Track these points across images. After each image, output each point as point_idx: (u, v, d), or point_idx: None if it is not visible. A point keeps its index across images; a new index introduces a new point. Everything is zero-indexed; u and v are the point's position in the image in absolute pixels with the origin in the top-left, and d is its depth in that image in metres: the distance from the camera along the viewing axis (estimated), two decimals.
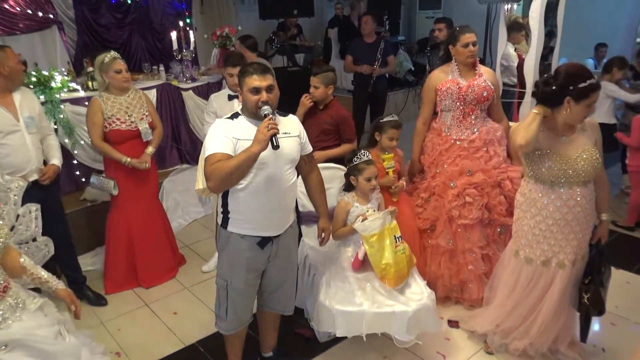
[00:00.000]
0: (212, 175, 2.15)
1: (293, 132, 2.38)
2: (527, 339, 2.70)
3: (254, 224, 2.34)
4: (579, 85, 2.29)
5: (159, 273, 3.72)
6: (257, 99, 2.22)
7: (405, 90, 7.52)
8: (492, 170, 3.17)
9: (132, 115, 3.41)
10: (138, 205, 3.57)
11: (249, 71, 2.25)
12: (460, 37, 3.14)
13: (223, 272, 2.45)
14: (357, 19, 7.40)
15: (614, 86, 4.53)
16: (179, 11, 6.65)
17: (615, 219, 4.40)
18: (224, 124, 2.28)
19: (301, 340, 3.02)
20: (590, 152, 2.41)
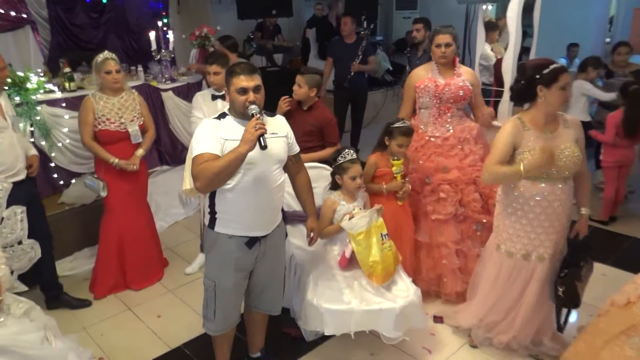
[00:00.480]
0: (199, 175, 2.15)
1: (281, 132, 2.38)
2: (510, 332, 2.76)
3: (241, 224, 2.34)
4: (544, 71, 2.39)
5: (148, 275, 3.69)
6: (244, 99, 2.22)
7: (384, 90, 7.58)
8: (467, 167, 3.23)
9: (123, 116, 3.38)
10: (129, 208, 3.54)
11: (236, 71, 2.24)
12: (435, 37, 3.26)
13: (211, 273, 2.43)
14: (336, 19, 7.44)
15: (589, 85, 4.66)
16: (156, 11, 6.56)
17: (590, 213, 4.51)
18: (211, 124, 2.28)
19: (288, 340, 3.02)
20: (571, 150, 2.48)
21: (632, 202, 4.82)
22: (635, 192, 4.97)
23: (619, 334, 2.20)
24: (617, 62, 5.02)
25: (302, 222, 3.17)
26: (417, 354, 2.88)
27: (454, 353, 2.90)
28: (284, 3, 6.98)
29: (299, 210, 3.14)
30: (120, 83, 3.36)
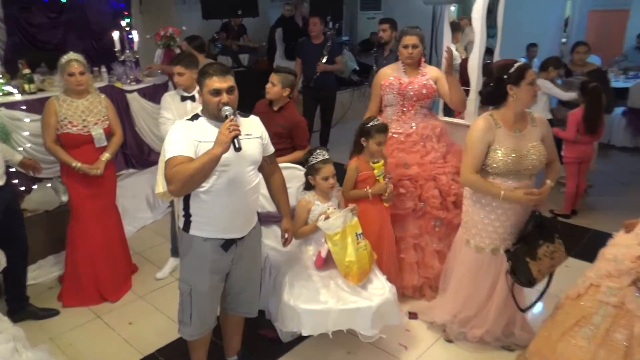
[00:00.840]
0: (173, 178, 2.11)
1: (255, 133, 2.37)
2: (484, 326, 2.83)
3: (217, 227, 2.31)
4: (510, 70, 2.47)
5: (120, 284, 3.58)
6: (217, 101, 2.19)
7: (351, 89, 7.64)
8: (427, 164, 3.30)
9: (87, 119, 3.28)
10: (95, 213, 3.43)
11: (209, 72, 2.21)
12: (402, 38, 3.33)
13: (186, 277, 2.39)
14: (302, 20, 7.44)
15: (550, 84, 4.81)
16: (117, 11, 6.40)
17: (552, 207, 4.69)
18: (183, 126, 2.24)
19: (265, 342, 3.00)
20: (538, 148, 2.55)
21: (592, 196, 5.01)
22: (594, 186, 5.17)
23: (572, 326, 2.32)
24: (575, 61, 5.20)
25: (276, 223, 3.17)
26: (393, 351, 2.91)
27: (429, 348, 2.94)
28: (249, 3, 6.92)
29: (273, 211, 3.13)
30: (84, 85, 3.26)
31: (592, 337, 2.24)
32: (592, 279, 2.32)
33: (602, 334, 2.21)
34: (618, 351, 2.15)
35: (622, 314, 2.18)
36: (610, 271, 2.24)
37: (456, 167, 3.30)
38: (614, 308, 2.20)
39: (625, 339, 2.14)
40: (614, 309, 2.20)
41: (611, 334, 2.19)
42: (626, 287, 2.17)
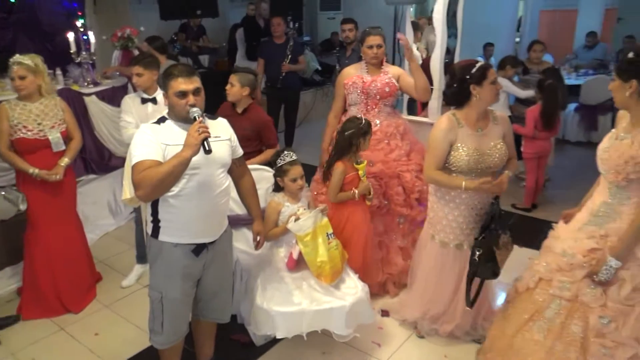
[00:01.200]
0: (141, 183, 2.05)
1: (224, 135, 2.34)
2: (453, 321, 2.88)
3: (187, 232, 2.27)
4: (472, 70, 2.51)
5: (83, 294, 3.46)
6: (184, 103, 2.15)
7: (314, 90, 7.65)
8: (391, 162, 3.35)
9: (42, 123, 3.14)
10: (55, 221, 3.29)
11: (174, 74, 2.17)
12: (366, 38, 3.36)
13: (157, 284, 2.33)
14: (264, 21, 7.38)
15: (508, 82, 4.95)
16: (70, 11, 6.17)
17: (513, 202, 4.83)
18: (150, 129, 2.19)
19: (237, 347, 2.96)
20: (500, 147, 2.62)
21: (550, 190, 5.19)
22: (552, 180, 5.36)
23: (527, 321, 2.36)
24: (532, 59, 5.37)
25: (246, 226, 3.14)
26: (367, 349, 2.93)
27: (402, 344, 2.98)
28: (209, 3, 6.81)
29: (242, 214, 3.10)
30: (25, 90, 3.09)
31: (548, 330, 2.28)
32: (542, 273, 2.34)
33: (557, 327, 2.25)
34: (574, 343, 2.20)
35: (577, 307, 2.21)
36: (560, 265, 2.26)
37: (420, 164, 3.35)
38: (568, 302, 2.23)
39: (581, 330, 2.19)
40: (567, 302, 2.24)
41: (567, 327, 2.23)
42: (579, 281, 2.19)
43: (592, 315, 2.17)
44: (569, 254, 2.25)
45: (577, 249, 2.23)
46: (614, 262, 2.10)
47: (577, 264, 2.21)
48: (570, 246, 2.26)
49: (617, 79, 2.14)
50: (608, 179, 2.20)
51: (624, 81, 2.10)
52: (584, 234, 2.25)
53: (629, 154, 2.08)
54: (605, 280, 2.13)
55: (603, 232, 2.20)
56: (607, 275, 2.12)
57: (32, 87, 3.12)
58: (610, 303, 2.15)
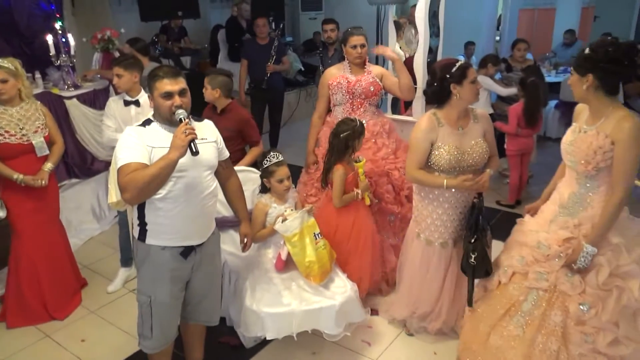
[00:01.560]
0: (128, 186, 2.04)
1: (210, 137, 2.33)
2: (440, 319, 2.91)
3: (175, 234, 2.25)
4: (452, 70, 2.53)
5: (68, 300, 3.40)
6: (170, 104, 2.13)
7: (297, 90, 7.64)
8: (380, 160, 3.37)
9: (25, 128, 3.08)
10: (39, 228, 3.23)
11: (159, 75, 2.15)
12: (349, 38, 3.37)
13: (145, 288, 2.31)
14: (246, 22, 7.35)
15: (490, 80, 5.01)
16: (48, 13, 6.07)
17: (498, 198, 4.89)
18: (135, 132, 2.17)
19: (227, 349, 2.94)
20: (481, 145, 2.64)
21: (533, 186, 5.25)
22: (534, 176, 5.43)
23: (502, 316, 2.38)
24: (516, 58, 5.41)
25: (233, 228, 3.13)
26: (357, 348, 2.94)
27: (392, 343, 2.99)
28: (189, 4, 6.76)
29: (229, 216, 3.09)
30: (7, 94, 3.02)
31: (527, 324, 2.30)
32: (516, 267, 2.37)
33: (537, 319, 2.27)
34: (555, 333, 2.24)
35: (555, 297, 2.26)
36: (536, 257, 2.30)
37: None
38: (545, 292, 2.27)
39: (561, 320, 2.23)
40: (545, 293, 2.27)
41: (547, 318, 2.26)
42: (557, 271, 2.24)
43: (572, 303, 2.21)
44: (544, 246, 2.29)
45: (552, 240, 2.28)
46: (590, 248, 2.16)
47: (553, 254, 2.26)
48: (544, 238, 2.30)
49: (574, 73, 2.21)
50: (578, 170, 2.26)
51: (581, 75, 2.17)
52: (557, 226, 2.30)
53: (596, 144, 2.15)
54: (584, 267, 2.19)
55: (576, 222, 2.26)
56: (584, 262, 2.17)
57: (13, 91, 3.06)
58: (588, 289, 2.19)
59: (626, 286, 2.15)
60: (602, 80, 2.14)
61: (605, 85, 2.15)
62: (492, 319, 2.43)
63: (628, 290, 2.14)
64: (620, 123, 2.11)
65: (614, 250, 2.19)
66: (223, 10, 8.83)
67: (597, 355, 2.17)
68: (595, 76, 2.13)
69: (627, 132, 2.09)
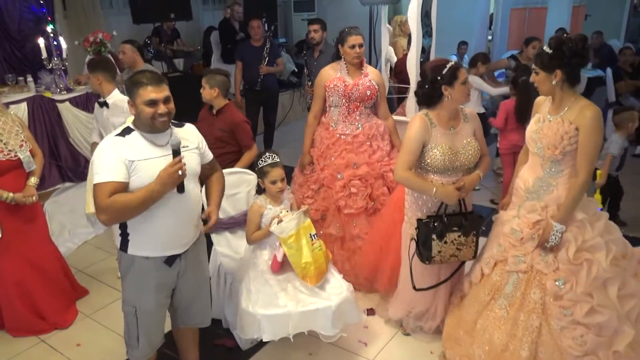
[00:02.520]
0: (107, 210, 1.98)
1: (192, 144, 2.25)
2: (437, 318, 2.92)
3: (158, 245, 2.18)
4: (443, 72, 2.53)
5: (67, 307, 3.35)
6: (153, 112, 2.05)
7: (291, 91, 7.63)
8: (375, 163, 3.37)
9: (9, 143, 2.97)
10: (29, 246, 3.13)
11: (143, 82, 2.06)
12: (348, 38, 3.33)
13: (130, 298, 2.25)
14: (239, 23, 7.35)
15: (480, 80, 5.03)
16: (39, 16, 6.05)
17: (492, 197, 4.91)
18: (113, 144, 2.06)
19: (223, 351, 2.94)
20: (472, 144, 2.65)
21: None
22: None
23: (488, 302, 2.54)
24: (529, 55, 5.30)
25: (228, 230, 3.13)
26: (353, 348, 2.94)
27: (388, 343, 2.99)
28: (182, 6, 6.73)
29: (224, 218, 3.09)
30: None
31: (509, 305, 2.47)
32: (496, 255, 2.54)
33: (518, 299, 2.44)
34: (536, 310, 2.39)
35: (533, 276, 2.42)
36: (512, 243, 2.47)
37: None
38: (524, 273, 2.43)
39: (540, 297, 2.39)
40: (524, 274, 2.44)
41: (527, 297, 2.42)
42: (532, 252, 2.41)
43: (548, 280, 2.37)
44: (517, 231, 2.46)
45: (523, 224, 2.45)
46: (559, 226, 2.35)
47: (526, 237, 2.43)
48: (517, 224, 2.48)
49: (540, 71, 2.38)
50: (544, 156, 2.42)
51: (549, 73, 2.34)
52: (525, 210, 2.47)
53: (563, 130, 2.33)
54: (555, 244, 2.37)
55: (543, 204, 2.44)
56: (555, 240, 2.36)
57: None
58: (561, 265, 2.36)
59: (594, 258, 2.32)
60: (569, 74, 2.32)
61: (571, 78, 2.34)
62: (478, 306, 2.58)
63: (596, 262, 2.31)
64: (583, 111, 2.31)
65: (579, 226, 2.37)
66: (215, 12, 8.84)
67: (576, 325, 2.32)
68: (563, 71, 2.31)
69: (589, 119, 2.28)
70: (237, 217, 3.13)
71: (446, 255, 2.65)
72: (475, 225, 2.68)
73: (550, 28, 8.44)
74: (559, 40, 2.31)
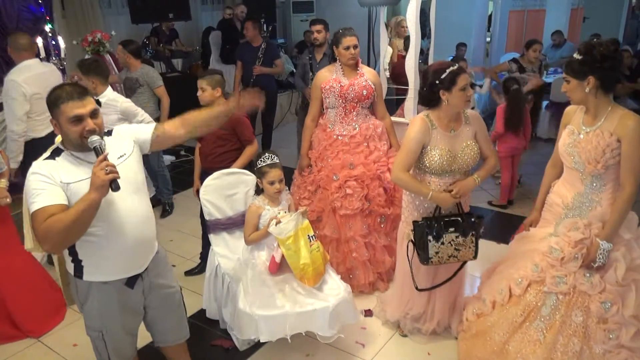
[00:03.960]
0: (47, 235, 1.77)
1: (127, 150, 2.07)
2: (434, 319, 2.92)
3: (114, 268, 2.03)
4: (442, 76, 2.48)
5: (47, 316, 3.27)
6: (80, 129, 1.87)
7: (289, 92, 7.63)
8: (372, 163, 3.37)
9: None
10: None
11: (62, 97, 1.86)
12: (342, 39, 3.34)
13: (94, 325, 2.12)
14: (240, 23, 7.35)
15: None
16: (38, 16, 6.04)
17: (490, 199, 4.92)
18: (45, 168, 1.88)
19: (220, 352, 2.93)
20: (472, 147, 2.64)
21: (524, 186, 5.29)
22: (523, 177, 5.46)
23: (521, 324, 2.41)
24: (530, 58, 5.32)
25: (225, 230, 3.12)
26: (351, 349, 2.94)
27: (386, 344, 2.99)
28: (181, 6, 6.75)
29: (221, 219, 3.09)
30: None
31: (547, 328, 2.35)
32: (531, 276, 2.41)
33: (557, 322, 2.31)
34: (577, 334, 2.28)
35: (575, 298, 2.30)
36: (551, 262, 2.34)
37: None
38: (564, 295, 2.31)
39: (582, 320, 2.28)
40: (563, 296, 2.31)
41: (568, 320, 2.30)
42: (575, 272, 2.28)
43: (593, 302, 2.26)
44: (557, 250, 2.33)
45: (564, 243, 2.32)
46: (606, 245, 2.22)
47: (568, 257, 2.29)
48: (555, 242, 2.34)
49: (572, 79, 2.26)
50: (587, 171, 2.29)
51: (581, 80, 2.22)
52: (565, 227, 2.34)
53: (604, 143, 2.21)
54: (603, 264, 2.24)
55: (586, 222, 2.31)
56: (603, 259, 2.24)
57: None
58: (608, 286, 2.24)
59: None
60: (602, 80, 2.19)
61: (606, 84, 2.20)
62: (508, 327, 2.45)
63: None
64: (624, 121, 2.19)
65: (627, 245, 2.26)
66: (214, 12, 8.83)
67: (620, 349, 2.23)
68: (596, 77, 2.18)
69: (632, 130, 2.16)
70: (234, 217, 3.12)
71: (444, 256, 2.64)
72: (475, 226, 2.65)
73: (549, 31, 8.47)
74: (589, 45, 2.20)
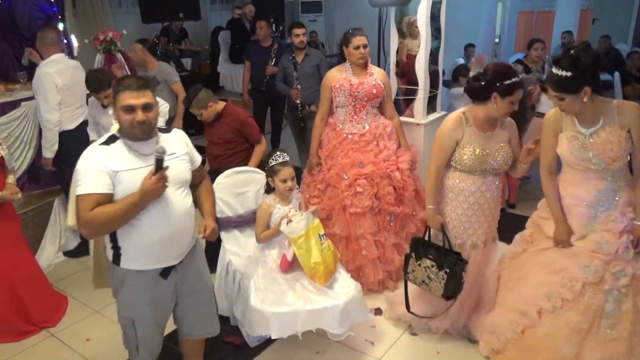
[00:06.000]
0: (90, 224, 1.92)
1: (179, 150, 2.17)
2: (448, 319, 2.91)
3: (151, 257, 2.11)
4: (505, 82, 2.42)
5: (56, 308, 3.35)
6: (130, 119, 1.98)
7: None
8: (381, 162, 3.38)
9: None
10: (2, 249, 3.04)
11: (121, 86, 2.00)
12: (352, 39, 3.37)
13: (126, 313, 2.20)
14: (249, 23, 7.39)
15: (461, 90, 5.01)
16: (49, 15, 6.09)
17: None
18: (97, 153, 1.99)
19: (231, 349, 2.96)
20: (505, 150, 2.62)
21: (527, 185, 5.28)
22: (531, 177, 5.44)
23: (589, 329, 2.38)
24: (532, 57, 5.27)
25: (236, 228, 3.15)
26: (361, 347, 2.95)
27: (396, 342, 3.01)
28: (190, 6, 6.79)
29: (232, 216, 3.12)
30: None
31: (618, 322, 2.35)
32: (586, 278, 2.36)
33: (629, 313, 2.33)
34: None
35: (635, 284, 2.33)
36: (605, 258, 2.33)
37: (410, 161, 3.45)
38: (626, 287, 2.32)
39: None
40: (625, 288, 2.33)
41: (634, 307, 2.33)
42: (632, 260, 2.33)
43: None
44: (604, 243, 2.35)
45: (608, 236, 2.36)
46: None
47: (621, 247, 2.33)
48: (600, 236, 2.37)
49: (566, 96, 2.27)
50: (611, 167, 2.34)
51: (577, 94, 2.25)
52: (601, 224, 2.39)
53: (616, 139, 2.29)
54: None
55: (618, 211, 2.37)
56: None
57: None
58: None
59: None
60: (595, 85, 2.28)
61: (597, 88, 2.30)
62: (576, 336, 2.40)
63: None
64: (623, 111, 2.30)
65: None
66: (223, 12, 8.88)
67: None
68: (590, 85, 2.25)
69: (637, 115, 2.27)
70: (245, 215, 3.16)
71: (418, 278, 2.74)
72: (451, 264, 2.63)
73: (559, 32, 8.43)
74: (572, 59, 2.21)
